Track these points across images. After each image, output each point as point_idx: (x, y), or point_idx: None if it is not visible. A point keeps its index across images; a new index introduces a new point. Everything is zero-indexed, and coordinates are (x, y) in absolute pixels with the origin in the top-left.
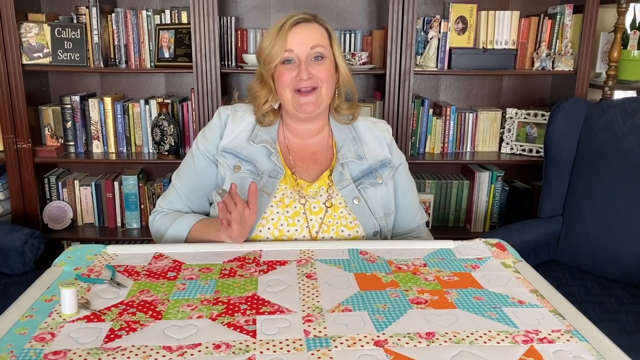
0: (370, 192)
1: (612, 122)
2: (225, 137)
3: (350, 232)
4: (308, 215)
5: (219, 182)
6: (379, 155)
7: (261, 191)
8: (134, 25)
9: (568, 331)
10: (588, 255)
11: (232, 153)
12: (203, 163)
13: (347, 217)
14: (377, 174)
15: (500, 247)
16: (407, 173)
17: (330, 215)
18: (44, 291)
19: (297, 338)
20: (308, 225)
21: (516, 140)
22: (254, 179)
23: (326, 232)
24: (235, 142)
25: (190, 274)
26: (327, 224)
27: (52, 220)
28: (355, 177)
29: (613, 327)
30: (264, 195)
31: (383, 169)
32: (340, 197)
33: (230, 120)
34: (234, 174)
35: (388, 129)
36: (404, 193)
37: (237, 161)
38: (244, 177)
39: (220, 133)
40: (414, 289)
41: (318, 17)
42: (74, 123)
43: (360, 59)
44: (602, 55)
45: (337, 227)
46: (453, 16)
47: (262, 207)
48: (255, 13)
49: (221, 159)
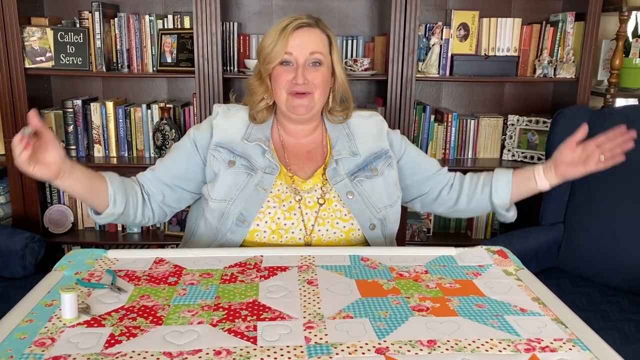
0: (367, 184)
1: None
2: (216, 133)
3: (345, 224)
4: (303, 210)
5: (210, 178)
6: (373, 148)
7: (257, 186)
8: (136, 30)
9: (570, 340)
10: (589, 263)
11: (227, 148)
12: (191, 149)
13: (342, 211)
14: (372, 167)
15: (502, 255)
16: (410, 144)
17: (324, 209)
18: (44, 296)
19: (297, 345)
20: (303, 219)
21: (518, 147)
22: (249, 174)
23: (322, 225)
24: (229, 138)
25: (191, 279)
26: (322, 218)
27: (53, 224)
28: (350, 172)
29: (615, 336)
30: (260, 191)
31: (377, 160)
32: (334, 192)
33: (221, 116)
34: (229, 169)
35: (382, 119)
36: (418, 155)
37: (232, 156)
38: (238, 172)
39: (210, 131)
40: (416, 296)
41: (321, 22)
42: (75, 127)
43: (362, 65)
44: (604, 63)
45: (332, 220)
46: (455, 23)
47: (258, 202)
48: (258, 18)
49: (216, 154)
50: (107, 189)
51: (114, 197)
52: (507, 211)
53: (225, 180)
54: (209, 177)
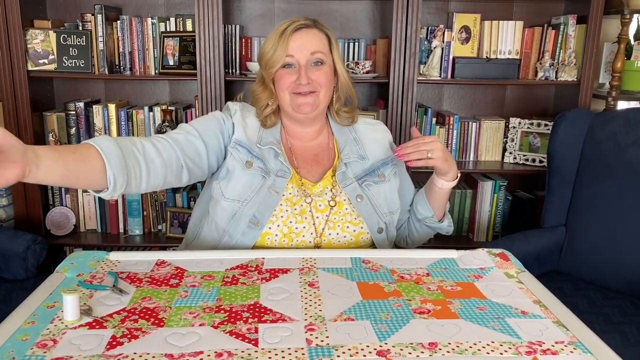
0: (374, 189)
1: (616, 133)
2: (237, 130)
3: (355, 228)
4: (314, 213)
5: (224, 173)
6: (380, 154)
7: (270, 189)
8: (139, 33)
9: (571, 342)
10: (591, 266)
11: (246, 148)
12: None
13: (352, 214)
14: (380, 172)
15: (504, 257)
16: (405, 172)
17: (335, 212)
18: (46, 297)
19: (299, 347)
20: (314, 222)
21: (519, 150)
22: (264, 177)
23: (332, 228)
24: (248, 137)
25: (192, 282)
26: (333, 221)
27: (55, 226)
28: (358, 176)
29: (617, 339)
30: (273, 194)
31: (385, 166)
32: (344, 194)
33: (239, 115)
34: (245, 169)
35: (386, 129)
36: (410, 183)
37: (250, 157)
38: (254, 173)
39: (232, 126)
40: (417, 299)
41: (319, 22)
42: (78, 129)
43: (364, 68)
44: (606, 66)
45: (343, 223)
46: (457, 26)
47: (271, 205)
48: (260, 21)
49: (234, 151)
50: (103, 169)
51: (114, 181)
52: (441, 221)
53: (240, 180)
54: (223, 173)
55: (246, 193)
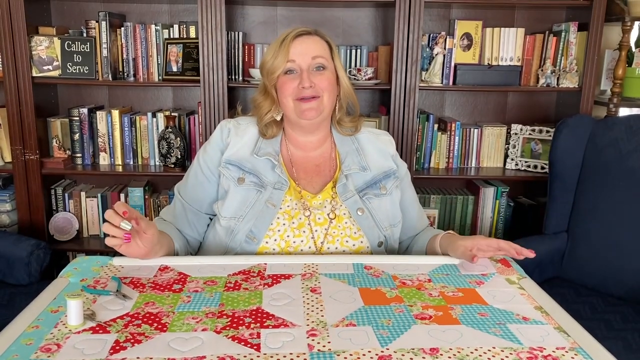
0: (375, 202)
1: (617, 139)
2: (227, 150)
3: (355, 242)
4: (313, 227)
5: (221, 195)
6: (382, 166)
7: (267, 203)
8: (142, 40)
9: (573, 349)
10: (593, 272)
11: (236, 165)
12: (202, 178)
13: (352, 228)
14: (381, 185)
15: (505, 263)
16: (410, 181)
17: (334, 226)
18: (50, 302)
19: (301, 352)
20: (313, 236)
21: (521, 156)
22: (258, 190)
23: (331, 242)
24: (239, 155)
25: (195, 287)
26: (332, 235)
27: (58, 231)
28: (359, 189)
29: (619, 345)
30: (269, 207)
31: (387, 179)
32: (344, 208)
33: (233, 133)
34: (238, 186)
35: (391, 141)
36: (412, 200)
37: (241, 173)
38: (248, 189)
39: (221, 149)
40: (419, 305)
41: (319, 30)
42: (81, 135)
43: (366, 74)
44: (607, 73)
45: (342, 237)
46: (458, 33)
47: (268, 219)
48: (262, 28)
49: (225, 171)
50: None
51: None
52: None
53: (235, 197)
54: (220, 194)
55: (241, 209)
